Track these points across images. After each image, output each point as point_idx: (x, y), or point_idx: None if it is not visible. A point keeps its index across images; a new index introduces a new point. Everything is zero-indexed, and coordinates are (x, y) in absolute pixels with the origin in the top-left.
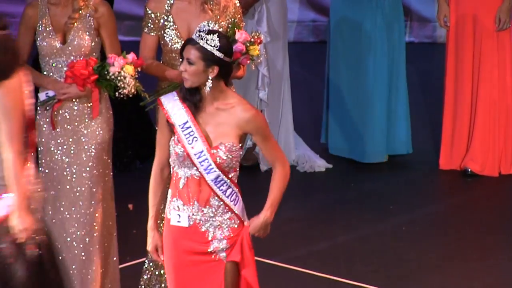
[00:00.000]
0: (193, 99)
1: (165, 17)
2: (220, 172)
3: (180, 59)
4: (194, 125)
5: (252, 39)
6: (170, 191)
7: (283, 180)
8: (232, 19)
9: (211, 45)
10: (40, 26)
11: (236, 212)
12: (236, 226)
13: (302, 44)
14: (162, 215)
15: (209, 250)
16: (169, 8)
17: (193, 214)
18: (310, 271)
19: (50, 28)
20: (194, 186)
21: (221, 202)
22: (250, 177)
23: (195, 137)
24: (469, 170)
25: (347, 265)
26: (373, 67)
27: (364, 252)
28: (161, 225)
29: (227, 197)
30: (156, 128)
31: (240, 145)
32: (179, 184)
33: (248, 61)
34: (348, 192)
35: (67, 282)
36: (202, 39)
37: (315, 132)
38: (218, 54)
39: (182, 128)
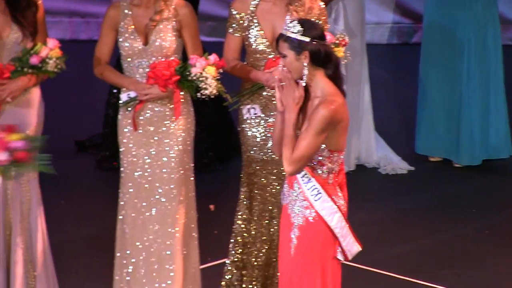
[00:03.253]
0: None
1: (250, 18)
2: None
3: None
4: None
5: (337, 41)
6: None
7: (288, 152)
8: (317, 21)
9: (294, 32)
10: (122, 27)
11: (313, 205)
12: (311, 218)
13: (385, 46)
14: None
15: (290, 233)
16: (254, 9)
17: (284, 194)
18: (391, 273)
19: (132, 29)
20: None
21: (301, 189)
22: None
23: None
24: None
25: (428, 268)
26: (466, 71)
27: (445, 255)
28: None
29: (308, 189)
30: (238, 129)
31: None
32: None
33: None
34: (430, 195)
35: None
36: (286, 30)
37: (397, 133)
38: (302, 38)
39: None
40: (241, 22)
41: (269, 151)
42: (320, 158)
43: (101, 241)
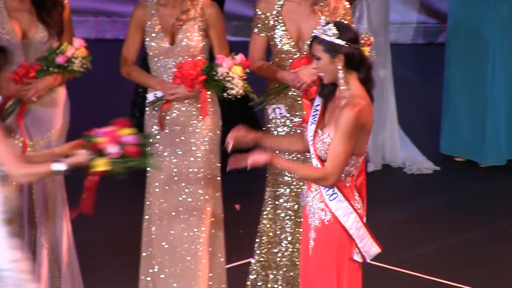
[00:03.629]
0: (325, 90)
1: (275, 18)
2: (318, 161)
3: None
4: (320, 110)
5: (362, 41)
6: None
7: (315, 173)
8: (342, 21)
9: (329, 35)
10: (149, 27)
11: (328, 205)
12: (326, 220)
13: (410, 46)
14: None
15: (308, 234)
16: (279, 9)
17: (302, 195)
18: (416, 273)
19: (158, 29)
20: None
21: (318, 190)
22: None
23: (315, 120)
24: None
25: (452, 267)
26: (491, 71)
27: (470, 255)
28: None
29: (324, 188)
30: (264, 128)
31: None
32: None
33: None
34: (455, 195)
35: None
36: (321, 32)
37: (422, 133)
38: (338, 42)
39: (314, 109)
40: (266, 22)
41: None
42: None
43: (126, 241)
